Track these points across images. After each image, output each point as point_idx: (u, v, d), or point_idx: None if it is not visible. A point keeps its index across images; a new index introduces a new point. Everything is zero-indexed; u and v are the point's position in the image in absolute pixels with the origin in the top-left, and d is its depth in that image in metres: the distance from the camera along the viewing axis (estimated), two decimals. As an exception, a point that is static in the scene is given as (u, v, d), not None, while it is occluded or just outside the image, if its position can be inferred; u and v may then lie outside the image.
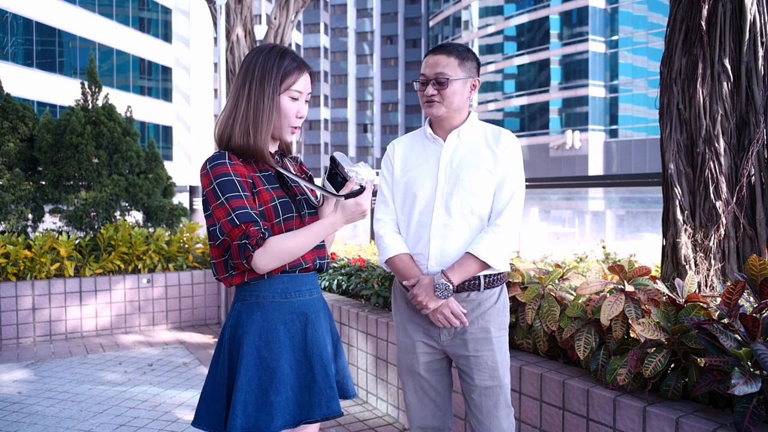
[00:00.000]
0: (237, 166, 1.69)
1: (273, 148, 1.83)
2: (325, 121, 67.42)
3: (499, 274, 2.11)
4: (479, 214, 2.05)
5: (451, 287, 1.97)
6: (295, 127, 1.78)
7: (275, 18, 9.45)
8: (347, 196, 1.67)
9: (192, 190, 7.71)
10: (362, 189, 1.68)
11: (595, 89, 43.48)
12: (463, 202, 2.04)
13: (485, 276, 2.06)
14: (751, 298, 2.20)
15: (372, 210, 3.45)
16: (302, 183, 1.76)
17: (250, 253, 1.61)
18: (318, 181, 1.82)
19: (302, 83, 1.76)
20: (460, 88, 2.06)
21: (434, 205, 2.06)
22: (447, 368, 2.17)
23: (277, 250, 1.64)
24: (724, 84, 2.80)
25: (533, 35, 46.90)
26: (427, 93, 2.06)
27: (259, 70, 1.72)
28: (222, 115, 1.77)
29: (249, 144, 1.70)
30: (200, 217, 7.45)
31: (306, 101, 1.80)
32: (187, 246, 6.07)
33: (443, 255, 2.04)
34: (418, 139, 2.19)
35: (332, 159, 1.72)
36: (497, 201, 2.05)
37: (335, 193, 1.71)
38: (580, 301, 2.50)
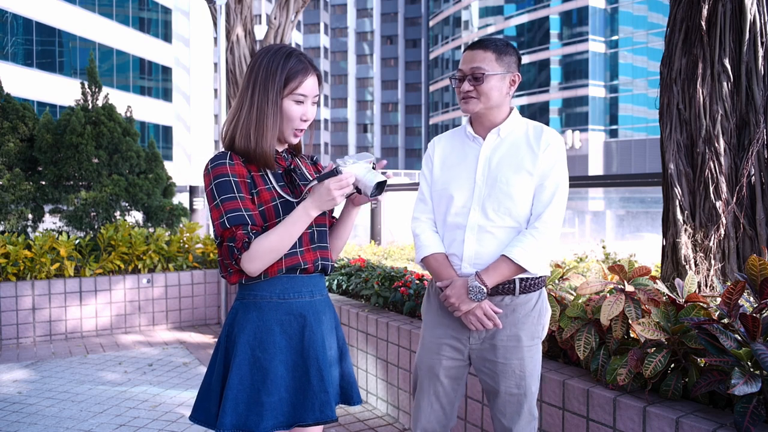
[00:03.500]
0: (236, 166, 1.68)
1: (281, 147, 1.81)
2: (325, 121, 67.44)
3: (538, 278, 2.03)
4: (517, 217, 1.98)
5: (485, 290, 1.92)
6: (300, 131, 1.74)
7: (275, 18, 9.45)
8: (319, 179, 1.63)
9: (192, 190, 7.70)
10: (336, 172, 1.62)
11: (595, 89, 43.50)
12: (500, 205, 1.97)
13: (521, 280, 1.99)
14: (751, 298, 2.20)
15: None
16: (278, 190, 1.70)
17: (237, 256, 1.62)
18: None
19: (308, 86, 1.70)
20: (498, 84, 1.99)
21: (471, 206, 2.00)
22: (464, 377, 2.12)
23: (261, 251, 1.62)
24: (724, 84, 2.80)
25: (533, 35, 46.92)
26: (463, 89, 1.99)
27: (263, 73, 1.69)
28: (228, 116, 1.75)
29: (250, 148, 1.68)
30: (200, 217, 7.45)
31: (313, 103, 1.75)
32: (187, 246, 6.07)
33: (477, 257, 1.99)
34: (458, 138, 2.13)
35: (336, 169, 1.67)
36: (537, 203, 1.98)
37: (310, 179, 1.69)
38: (580, 301, 2.50)
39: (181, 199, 7.66)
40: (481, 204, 1.99)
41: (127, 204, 6.19)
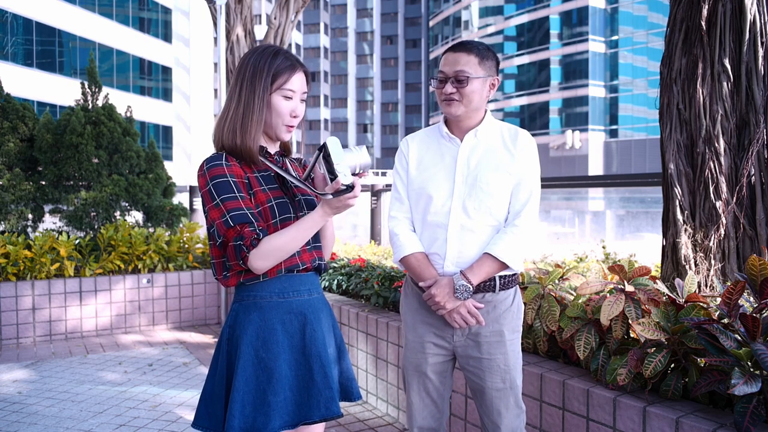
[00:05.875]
0: (233, 167, 1.69)
1: (273, 148, 1.82)
2: (325, 121, 67.43)
3: (514, 275, 2.08)
4: (497, 216, 2.03)
5: (471, 288, 1.95)
6: (291, 126, 1.77)
7: (275, 18, 9.44)
8: (334, 195, 1.61)
9: (192, 190, 7.71)
10: (350, 188, 1.60)
11: (595, 89, 43.49)
12: (481, 204, 2.01)
13: (501, 277, 2.04)
14: (751, 298, 2.20)
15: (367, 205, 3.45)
16: (295, 182, 1.71)
17: (245, 254, 1.61)
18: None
19: (295, 82, 1.73)
20: (480, 87, 2.02)
21: (451, 205, 2.02)
22: (451, 369, 2.16)
23: (271, 249, 1.62)
24: (724, 84, 2.80)
25: (533, 35, 46.90)
26: (446, 91, 2.01)
27: (251, 70, 1.72)
28: (218, 117, 1.78)
29: (236, 144, 1.70)
30: (200, 217, 7.45)
31: (302, 100, 1.77)
32: (187, 246, 6.07)
33: (460, 256, 2.01)
34: (434, 137, 2.14)
35: (324, 146, 1.64)
36: (515, 201, 2.03)
37: (322, 192, 1.65)
38: (580, 301, 2.50)
39: (181, 199, 7.66)
40: (462, 203, 2.02)
41: (127, 204, 6.19)
